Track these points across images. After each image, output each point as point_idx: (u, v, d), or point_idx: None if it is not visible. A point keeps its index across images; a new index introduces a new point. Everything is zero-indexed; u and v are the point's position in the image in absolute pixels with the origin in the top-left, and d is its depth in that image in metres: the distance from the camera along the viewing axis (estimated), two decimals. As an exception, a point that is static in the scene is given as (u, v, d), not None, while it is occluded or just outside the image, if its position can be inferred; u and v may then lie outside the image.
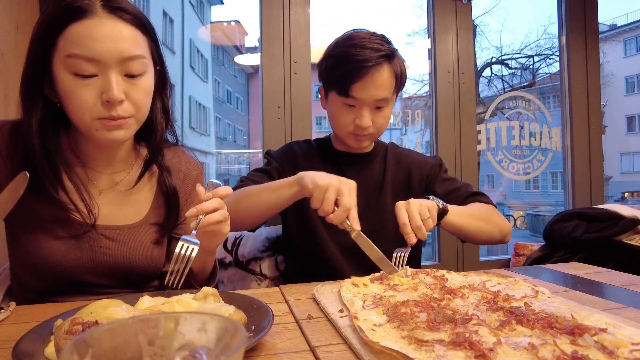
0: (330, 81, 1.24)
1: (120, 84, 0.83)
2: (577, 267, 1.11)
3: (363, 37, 1.21)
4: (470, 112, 2.31)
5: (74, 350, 0.30)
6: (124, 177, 1.00)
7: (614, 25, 20.09)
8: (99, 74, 0.82)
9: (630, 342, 0.54)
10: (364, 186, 1.30)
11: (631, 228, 1.75)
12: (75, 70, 0.81)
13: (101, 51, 0.80)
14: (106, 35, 0.81)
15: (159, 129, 0.98)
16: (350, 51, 1.19)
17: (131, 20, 0.85)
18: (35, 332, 0.61)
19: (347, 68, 1.18)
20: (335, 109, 1.25)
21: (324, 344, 0.61)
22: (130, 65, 0.84)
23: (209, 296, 0.71)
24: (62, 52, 0.81)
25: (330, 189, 0.96)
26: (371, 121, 1.22)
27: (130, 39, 0.84)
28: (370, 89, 1.18)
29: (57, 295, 0.92)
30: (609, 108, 18.26)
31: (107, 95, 0.81)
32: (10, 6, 1.61)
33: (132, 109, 0.86)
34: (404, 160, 1.40)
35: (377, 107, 1.22)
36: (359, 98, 1.19)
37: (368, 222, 1.25)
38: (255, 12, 2.08)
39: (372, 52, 1.18)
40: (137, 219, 0.99)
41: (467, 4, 2.31)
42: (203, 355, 0.34)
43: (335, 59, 1.22)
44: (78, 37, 0.80)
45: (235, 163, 5.57)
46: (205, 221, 0.81)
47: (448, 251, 2.25)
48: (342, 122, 1.24)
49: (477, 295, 0.76)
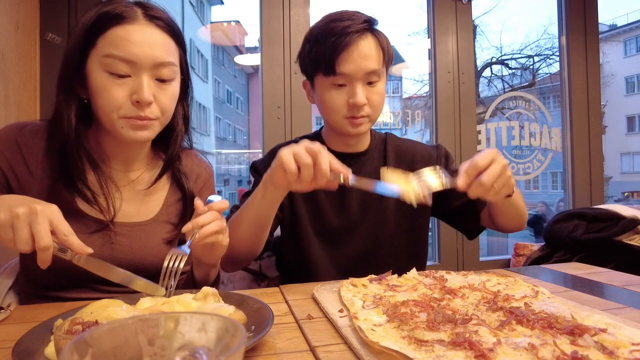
0: (314, 63, 1.14)
1: (150, 86, 0.89)
2: (577, 267, 1.11)
3: (340, 13, 1.15)
4: (470, 112, 2.31)
5: (74, 350, 0.30)
6: (139, 176, 1.03)
7: (614, 25, 20.09)
8: (132, 75, 0.87)
9: (630, 342, 0.54)
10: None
11: (631, 228, 1.75)
12: (111, 70, 0.86)
13: (137, 54, 0.86)
14: (144, 40, 0.87)
15: (179, 134, 1.03)
16: (329, 26, 1.12)
17: (166, 29, 0.92)
18: (35, 332, 0.61)
19: (329, 42, 1.10)
20: (325, 93, 1.14)
21: (324, 343, 0.61)
22: (161, 71, 0.90)
23: (208, 296, 0.71)
24: (100, 52, 0.87)
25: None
26: (366, 98, 1.12)
27: (164, 46, 0.90)
28: (358, 59, 1.09)
29: (66, 291, 0.93)
30: (609, 108, 18.26)
31: (137, 96, 0.87)
32: (10, 6, 1.61)
33: (158, 112, 0.91)
34: (406, 154, 1.30)
35: (369, 82, 1.13)
36: (347, 73, 1.10)
37: (368, 225, 1.22)
38: (255, 12, 2.08)
39: (351, 21, 1.11)
40: (149, 217, 1.02)
41: (467, 4, 2.31)
42: (203, 355, 0.34)
43: (314, 39, 1.14)
44: (118, 39, 0.86)
45: (235, 163, 5.58)
46: (201, 233, 0.83)
47: (448, 251, 2.25)
48: (335, 106, 1.13)
49: (477, 295, 0.76)
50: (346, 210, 1.22)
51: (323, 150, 0.88)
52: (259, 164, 1.29)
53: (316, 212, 1.22)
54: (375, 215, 1.23)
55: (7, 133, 0.94)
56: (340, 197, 1.21)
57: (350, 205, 1.22)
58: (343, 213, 1.22)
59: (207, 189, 1.13)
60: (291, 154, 0.88)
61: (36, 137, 0.95)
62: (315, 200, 1.21)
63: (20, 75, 1.67)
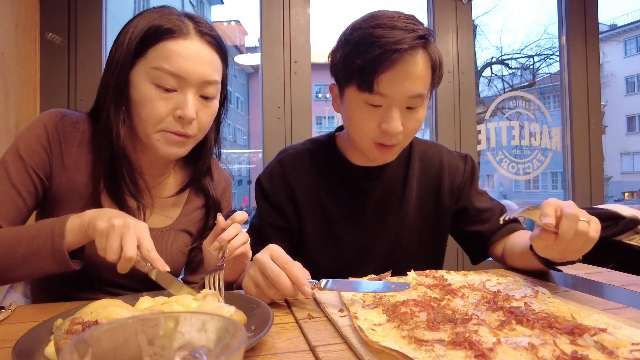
0: (348, 74, 0.96)
1: (195, 103, 0.88)
2: (577, 267, 1.11)
3: (391, 16, 0.94)
4: (470, 112, 2.31)
5: (74, 350, 0.30)
6: (163, 181, 1.03)
7: (614, 25, 20.09)
8: (179, 90, 0.87)
9: (630, 342, 0.54)
10: (380, 197, 1.12)
11: (631, 228, 1.75)
12: (158, 82, 0.85)
13: (188, 70, 0.85)
14: (194, 56, 0.87)
15: (209, 149, 1.03)
16: (375, 32, 0.92)
17: (216, 46, 0.91)
18: (35, 332, 0.61)
19: (372, 54, 0.91)
20: (355, 110, 0.97)
21: (323, 343, 0.61)
22: (207, 88, 0.89)
23: (208, 296, 0.71)
24: (150, 63, 0.86)
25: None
26: (401, 125, 0.95)
27: (213, 64, 0.90)
28: (403, 81, 0.92)
29: (77, 291, 0.94)
30: (609, 108, 18.27)
31: (182, 112, 0.86)
32: (10, 6, 1.61)
33: (196, 129, 0.91)
34: (432, 164, 1.16)
35: (409, 107, 0.95)
36: (387, 94, 0.92)
37: (385, 239, 1.12)
38: (255, 12, 2.08)
39: (404, 32, 0.91)
40: (167, 223, 1.02)
41: (467, 4, 2.31)
42: (203, 355, 0.34)
43: (354, 44, 0.94)
44: (169, 53, 0.85)
45: (235, 163, 5.59)
46: (231, 247, 0.82)
47: (448, 251, 2.24)
48: (365, 128, 0.97)
49: (477, 295, 0.76)
50: (361, 228, 1.12)
51: (282, 275, 0.76)
52: (264, 181, 1.14)
53: (329, 229, 1.12)
54: (393, 232, 1.13)
55: (51, 119, 0.93)
56: (356, 215, 1.12)
57: (365, 223, 1.12)
58: (358, 231, 1.12)
59: (224, 199, 1.12)
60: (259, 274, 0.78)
61: (75, 128, 0.94)
62: (329, 219, 1.12)
63: (20, 75, 1.67)
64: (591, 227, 0.78)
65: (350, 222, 1.12)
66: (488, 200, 1.19)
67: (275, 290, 0.77)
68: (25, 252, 0.79)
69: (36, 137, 0.91)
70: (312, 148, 1.16)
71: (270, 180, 1.14)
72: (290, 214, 1.12)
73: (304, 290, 0.75)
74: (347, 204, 1.12)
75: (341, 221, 1.12)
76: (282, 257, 0.78)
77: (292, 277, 0.75)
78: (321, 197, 1.12)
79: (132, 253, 0.73)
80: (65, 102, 1.83)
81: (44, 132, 0.91)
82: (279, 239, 1.09)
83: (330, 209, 1.12)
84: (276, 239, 1.08)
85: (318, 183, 1.12)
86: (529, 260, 0.93)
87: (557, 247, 0.78)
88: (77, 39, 1.87)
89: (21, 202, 0.89)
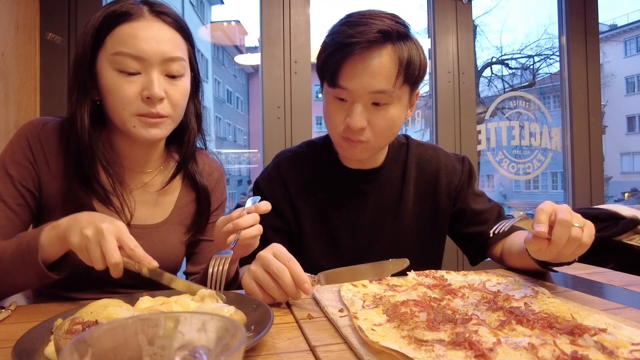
0: (320, 70, 1.01)
1: (161, 82, 0.88)
2: (577, 267, 1.11)
3: (365, 14, 0.96)
4: (470, 112, 2.31)
5: (74, 350, 0.30)
6: (153, 178, 1.03)
7: (614, 25, 20.08)
8: (142, 72, 0.87)
9: (630, 342, 0.54)
10: (377, 199, 1.13)
11: (631, 228, 1.75)
12: (120, 68, 0.86)
13: (146, 50, 0.86)
14: (151, 36, 0.87)
15: (192, 133, 1.03)
16: (340, 29, 0.96)
17: (173, 24, 0.92)
18: (35, 332, 0.61)
19: (334, 48, 0.95)
20: (327, 104, 1.02)
21: (323, 343, 0.61)
22: (171, 66, 0.89)
23: (206, 297, 0.71)
24: (109, 50, 0.87)
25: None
26: (366, 121, 0.96)
27: (172, 41, 0.90)
28: (361, 75, 0.93)
29: (77, 290, 0.94)
30: (609, 108, 18.26)
31: (148, 92, 0.87)
32: (10, 6, 1.61)
33: (169, 109, 0.91)
34: (429, 166, 1.16)
35: (375, 102, 0.96)
36: (347, 88, 0.94)
37: (383, 241, 1.13)
38: (255, 12, 2.08)
39: (367, 28, 0.92)
40: (162, 218, 1.03)
41: (467, 4, 2.31)
42: (203, 355, 0.34)
43: (324, 41, 1.00)
44: (126, 37, 0.86)
45: (235, 163, 5.59)
46: (244, 235, 0.83)
47: (448, 251, 2.24)
48: (333, 122, 1.00)
49: (477, 295, 0.76)
50: (359, 231, 1.13)
51: (285, 272, 0.76)
52: (262, 184, 1.16)
53: (327, 232, 1.13)
54: (391, 234, 1.14)
55: (33, 129, 0.94)
56: (354, 218, 1.13)
57: (363, 226, 1.13)
58: (356, 234, 1.13)
59: (218, 189, 1.13)
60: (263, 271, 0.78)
61: (56, 134, 0.95)
62: (327, 222, 1.13)
63: (20, 75, 1.67)
64: (584, 233, 0.78)
65: (348, 224, 1.13)
66: (486, 202, 1.19)
67: (277, 287, 0.77)
68: (8, 268, 0.79)
69: (20, 150, 0.92)
70: (309, 151, 1.18)
71: (268, 183, 1.15)
72: (288, 216, 1.13)
73: (304, 288, 0.76)
74: (345, 206, 1.13)
75: (339, 223, 1.13)
76: (285, 255, 0.79)
77: (294, 275, 0.76)
78: (319, 200, 1.13)
79: (115, 259, 0.71)
80: (65, 102, 1.83)
81: (26, 144, 0.93)
82: (278, 240, 1.09)
83: (328, 211, 1.13)
84: (275, 240, 1.08)
85: (315, 186, 1.13)
86: (525, 261, 0.93)
87: (550, 252, 0.78)
88: (77, 39, 1.87)
89: (14, 216, 0.90)
